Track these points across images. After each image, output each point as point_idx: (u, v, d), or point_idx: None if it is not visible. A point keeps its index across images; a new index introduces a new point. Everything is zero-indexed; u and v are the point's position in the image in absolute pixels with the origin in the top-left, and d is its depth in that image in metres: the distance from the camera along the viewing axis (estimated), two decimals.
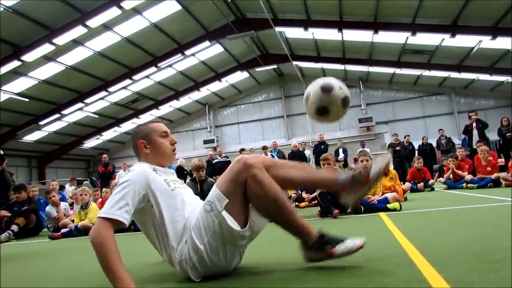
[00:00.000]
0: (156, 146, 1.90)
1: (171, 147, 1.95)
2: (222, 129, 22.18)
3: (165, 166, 1.93)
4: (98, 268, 1.48)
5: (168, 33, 13.96)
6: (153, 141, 1.90)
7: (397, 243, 2.31)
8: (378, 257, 1.98)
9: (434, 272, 1.51)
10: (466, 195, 5.97)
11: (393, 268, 1.67)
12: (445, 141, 12.16)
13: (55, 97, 15.61)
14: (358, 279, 1.55)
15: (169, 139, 1.96)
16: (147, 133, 1.93)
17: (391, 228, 3.07)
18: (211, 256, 1.67)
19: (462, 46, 14.02)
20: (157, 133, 1.93)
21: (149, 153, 1.90)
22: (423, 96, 19.41)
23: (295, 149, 12.80)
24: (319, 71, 19.39)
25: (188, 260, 1.68)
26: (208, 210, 1.66)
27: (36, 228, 6.49)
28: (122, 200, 1.60)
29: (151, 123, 2.00)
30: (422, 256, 1.84)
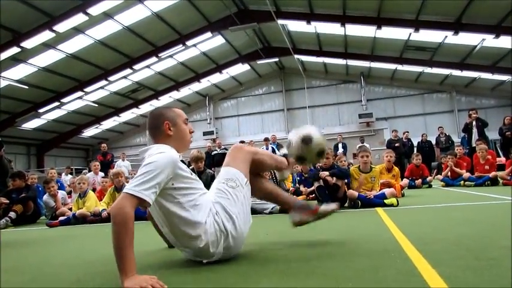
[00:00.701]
0: (179, 130, 1.97)
1: (189, 135, 2.04)
2: (221, 121, 22.15)
3: (180, 153, 1.97)
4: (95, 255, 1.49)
5: (170, 23, 13.87)
6: (177, 125, 1.97)
7: (393, 238, 2.33)
8: (374, 250, 1.99)
9: (429, 266, 1.52)
10: (463, 193, 6.00)
11: (388, 262, 1.68)
12: (444, 139, 12.17)
13: (55, 85, 15.53)
14: (354, 272, 1.56)
15: (189, 127, 2.05)
16: (173, 116, 1.98)
17: (387, 223, 3.09)
18: (241, 222, 1.91)
19: (465, 44, 13.94)
20: (181, 118, 2.01)
21: (172, 136, 1.94)
22: (424, 94, 19.37)
23: None
24: (321, 65, 19.34)
25: (222, 229, 1.84)
26: (234, 186, 1.97)
27: (34, 216, 6.50)
28: (152, 181, 1.61)
29: (175, 108, 2.07)
30: (417, 251, 1.85)
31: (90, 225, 5.25)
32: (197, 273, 1.75)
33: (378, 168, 4.93)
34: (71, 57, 13.80)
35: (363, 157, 4.78)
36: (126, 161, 13.63)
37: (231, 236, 1.85)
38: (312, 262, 1.80)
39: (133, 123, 22.79)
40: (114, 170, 6.40)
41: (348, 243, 2.28)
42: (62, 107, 17.42)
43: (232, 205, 1.90)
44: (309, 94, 20.37)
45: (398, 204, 4.36)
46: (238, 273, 1.70)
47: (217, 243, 1.83)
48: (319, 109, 20.55)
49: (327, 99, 20.47)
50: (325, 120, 20.34)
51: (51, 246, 3.43)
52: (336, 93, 20.53)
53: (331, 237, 2.64)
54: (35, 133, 19.14)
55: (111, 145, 21.87)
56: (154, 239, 1.92)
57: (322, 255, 1.90)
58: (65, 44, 12.95)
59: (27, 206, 6.22)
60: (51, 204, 6.42)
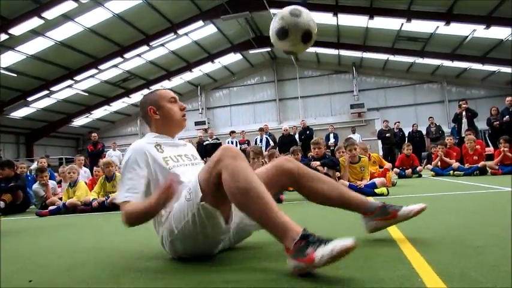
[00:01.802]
0: (165, 112, 1.90)
1: (180, 113, 1.94)
2: (213, 111, 22.06)
3: (176, 133, 1.94)
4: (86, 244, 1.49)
5: (161, 11, 13.67)
6: (162, 107, 1.91)
7: None
8: (363, 239, 2.02)
9: (417, 253, 1.55)
10: (452, 182, 6.09)
11: (377, 249, 1.71)
12: (434, 129, 12.29)
13: (44, 73, 15.27)
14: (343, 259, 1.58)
15: (178, 105, 1.95)
16: (156, 100, 1.93)
17: None
18: (185, 242, 1.65)
19: (456, 35, 14.03)
20: (165, 99, 1.93)
21: (159, 119, 1.91)
22: (415, 84, 19.48)
23: (286, 133, 12.83)
24: (313, 55, 19.29)
25: (165, 239, 1.72)
26: (188, 199, 1.59)
27: (24, 205, 6.46)
28: (123, 183, 1.74)
29: (159, 90, 2.00)
30: (406, 239, 1.88)
31: (80, 215, 5.23)
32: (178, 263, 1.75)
33: (366, 158, 4.98)
34: (60, 45, 13.56)
35: (351, 150, 4.82)
36: (117, 150, 13.56)
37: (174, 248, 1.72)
38: None
39: (125, 113, 22.59)
40: (104, 160, 6.36)
41: (337, 232, 2.31)
42: (51, 95, 17.16)
43: (179, 219, 1.62)
44: (301, 84, 20.35)
45: (389, 194, 4.41)
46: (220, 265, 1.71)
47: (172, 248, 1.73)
48: (311, 99, 20.56)
49: (319, 89, 20.48)
50: (317, 110, 20.38)
51: (41, 236, 3.42)
52: (328, 84, 20.55)
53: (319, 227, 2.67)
54: (24, 122, 18.87)
55: (102, 135, 21.70)
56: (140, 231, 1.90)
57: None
58: (54, 31, 12.71)
59: (16, 196, 6.18)
60: (40, 194, 6.38)
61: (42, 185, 6.44)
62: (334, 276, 1.34)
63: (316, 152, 4.73)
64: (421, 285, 1.19)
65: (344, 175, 4.65)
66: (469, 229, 2.15)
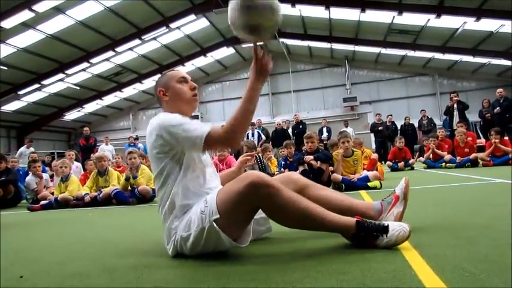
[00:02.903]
0: (174, 92, 1.87)
1: (190, 93, 1.89)
2: (206, 105, 21.98)
3: (189, 114, 1.87)
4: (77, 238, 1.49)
5: (153, 4, 13.51)
6: (171, 88, 1.87)
7: None
8: None
9: (410, 246, 1.56)
10: (444, 174, 6.16)
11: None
12: (426, 122, 12.39)
13: (35, 66, 15.03)
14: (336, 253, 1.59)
15: (189, 85, 1.91)
16: (165, 81, 1.90)
17: None
18: (195, 245, 1.65)
19: (447, 27, 14.09)
20: (174, 79, 1.89)
21: (169, 100, 1.88)
22: (407, 77, 19.57)
23: (279, 127, 12.83)
24: (306, 49, 19.26)
25: (178, 238, 1.68)
26: (202, 212, 1.62)
27: (15, 200, 6.42)
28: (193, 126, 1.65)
29: (169, 71, 1.97)
30: None
31: (72, 210, 5.20)
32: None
33: (359, 152, 5.00)
34: (51, 38, 13.36)
35: (344, 143, 4.83)
36: (109, 145, 13.46)
37: (186, 248, 1.68)
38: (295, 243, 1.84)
39: (117, 107, 22.40)
40: (97, 154, 6.32)
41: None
42: (42, 89, 16.93)
43: (195, 223, 1.64)
44: (293, 78, 20.34)
45: (382, 187, 4.45)
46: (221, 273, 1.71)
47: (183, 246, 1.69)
48: (304, 93, 20.56)
49: (312, 83, 20.48)
50: (310, 104, 20.40)
51: (32, 230, 3.40)
52: (321, 77, 20.55)
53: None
54: (15, 115, 18.62)
55: (94, 129, 21.50)
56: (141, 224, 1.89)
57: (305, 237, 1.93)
58: (45, 24, 12.50)
59: (7, 190, 6.13)
60: (32, 186, 6.32)
61: (36, 175, 6.38)
62: (328, 269, 1.35)
63: (310, 146, 4.74)
64: (414, 277, 1.20)
65: (337, 169, 4.68)
66: (461, 220, 2.19)
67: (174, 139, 1.65)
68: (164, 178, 1.73)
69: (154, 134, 1.69)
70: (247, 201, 1.57)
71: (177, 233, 1.68)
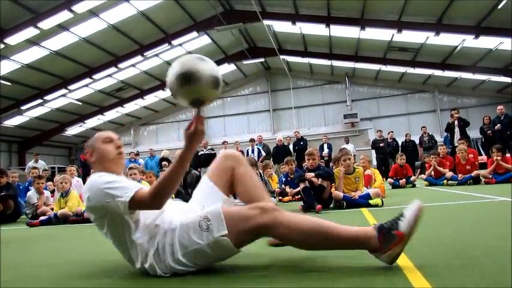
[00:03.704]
0: (99, 153, 1.91)
1: (115, 152, 1.92)
2: (207, 121, 22.03)
3: (118, 172, 1.91)
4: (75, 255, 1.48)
5: (156, 22, 13.74)
6: (96, 149, 1.92)
7: None
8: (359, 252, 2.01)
9: (414, 267, 1.54)
10: (446, 192, 6.11)
11: (372, 262, 1.70)
12: (427, 139, 12.37)
13: (38, 82, 15.23)
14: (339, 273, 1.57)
15: (114, 143, 1.94)
16: (91, 143, 1.96)
17: (372, 223, 3.12)
18: (186, 263, 1.67)
19: (446, 45, 14.27)
20: (100, 140, 1.94)
21: (95, 160, 1.91)
22: (407, 94, 19.70)
23: (280, 144, 12.83)
24: (306, 66, 19.44)
25: (162, 258, 1.69)
26: (205, 229, 1.65)
27: (14, 215, 6.38)
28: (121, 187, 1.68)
29: (99, 133, 2.02)
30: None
31: (71, 225, 5.16)
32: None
33: (361, 169, 4.98)
34: (55, 55, 13.56)
35: (345, 160, 4.82)
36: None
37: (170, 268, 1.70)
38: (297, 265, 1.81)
39: (118, 122, 22.50)
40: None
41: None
42: (45, 104, 17.11)
43: (186, 243, 1.67)
44: (294, 94, 20.46)
45: (383, 205, 4.42)
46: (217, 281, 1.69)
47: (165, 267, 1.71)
48: (305, 109, 20.66)
49: (313, 99, 20.60)
50: (311, 120, 20.47)
51: (31, 246, 3.37)
52: (321, 94, 20.69)
53: None
54: (17, 130, 18.73)
55: None
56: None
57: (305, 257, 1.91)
58: (49, 41, 12.72)
59: (7, 205, 6.10)
60: (33, 201, 6.29)
61: (38, 191, 6.36)
62: None
63: (311, 163, 4.73)
64: None
65: (339, 186, 4.66)
66: (465, 240, 2.16)
67: (100, 203, 1.69)
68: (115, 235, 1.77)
69: (87, 199, 1.74)
70: (257, 227, 1.61)
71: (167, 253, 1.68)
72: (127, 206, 1.62)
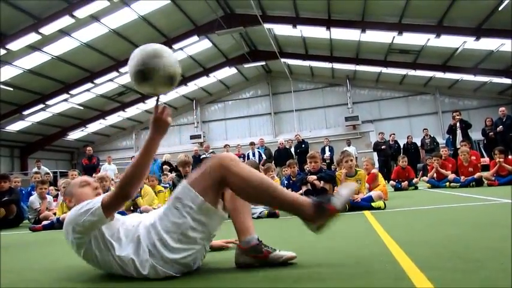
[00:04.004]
0: (77, 198, 1.97)
1: (93, 193, 2.00)
2: (209, 124, 22.08)
3: None
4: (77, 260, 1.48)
5: (156, 26, 13.80)
6: (74, 195, 2.00)
7: (382, 242, 2.34)
8: (363, 255, 2.01)
9: (417, 270, 1.54)
10: (449, 194, 6.10)
11: (378, 267, 1.70)
12: (429, 141, 12.36)
13: (40, 87, 15.29)
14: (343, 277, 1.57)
15: (91, 186, 2.03)
16: (69, 190, 2.05)
17: (375, 226, 3.11)
18: (183, 248, 1.73)
19: (447, 46, 14.28)
20: (76, 186, 2.03)
21: (74, 205, 1.94)
22: (408, 96, 19.69)
23: (282, 147, 12.83)
24: (307, 69, 19.47)
25: (158, 255, 1.71)
26: (180, 207, 1.74)
27: (17, 220, 6.39)
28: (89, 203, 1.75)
29: (73, 180, 2.16)
30: (405, 254, 1.87)
31: None
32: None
33: (363, 172, 4.98)
34: (56, 60, 13.62)
35: (347, 161, 4.81)
36: (112, 164, 13.46)
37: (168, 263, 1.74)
38: (301, 268, 1.81)
39: (120, 127, 22.54)
40: (99, 175, 6.32)
41: (337, 249, 2.29)
42: (47, 109, 17.16)
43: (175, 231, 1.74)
44: (295, 97, 20.48)
45: (386, 207, 4.41)
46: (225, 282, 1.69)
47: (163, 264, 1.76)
48: (306, 112, 20.67)
49: (314, 102, 20.61)
50: (312, 123, 20.47)
51: (33, 251, 3.37)
52: (323, 96, 20.69)
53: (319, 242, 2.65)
54: (19, 135, 18.78)
55: (97, 148, 21.60)
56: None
57: (310, 261, 1.91)
58: (51, 46, 12.78)
59: (10, 210, 6.11)
60: (35, 206, 6.30)
61: (40, 196, 6.38)
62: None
63: (313, 166, 4.73)
64: None
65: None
66: (468, 242, 2.15)
67: (81, 226, 1.73)
68: (103, 259, 1.79)
69: (69, 231, 1.79)
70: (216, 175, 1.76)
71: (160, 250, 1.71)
72: (100, 209, 1.67)
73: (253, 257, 1.86)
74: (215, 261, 2.15)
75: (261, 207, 4.50)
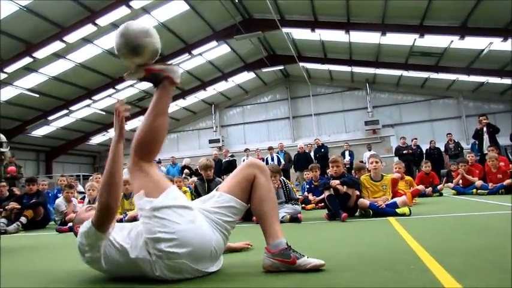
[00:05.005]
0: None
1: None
2: (227, 129, 22.17)
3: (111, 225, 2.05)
4: None
5: (176, 32, 13.98)
6: (83, 220, 2.03)
7: (409, 248, 2.29)
8: (392, 262, 1.96)
9: (453, 280, 1.49)
10: (476, 202, 5.91)
11: (409, 274, 1.65)
12: (453, 146, 12.04)
13: (64, 93, 15.74)
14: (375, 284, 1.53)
15: (90, 211, 2.12)
16: (77, 218, 2.18)
17: (401, 233, 3.04)
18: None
19: (471, 48, 13.86)
20: (83, 212, 2.18)
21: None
22: (430, 100, 19.24)
23: (301, 151, 12.77)
24: (326, 73, 19.33)
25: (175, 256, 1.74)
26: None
27: (44, 221, 6.56)
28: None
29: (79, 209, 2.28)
30: (437, 263, 1.81)
31: None
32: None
33: (389, 177, 4.87)
34: (79, 67, 13.98)
35: (372, 163, 4.72)
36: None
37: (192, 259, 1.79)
38: (330, 274, 1.77)
39: None
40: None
41: (364, 254, 2.25)
42: (70, 114, 17.62)
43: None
44: (314, 101, 20.35)
45: (411, 214, 4.30)
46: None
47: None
48: (325, 116, 20.49)
49: (333, 106, 20.42)
50: (331, 127, 20.28)
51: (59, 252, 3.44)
52: (342, 100, 20.49)
53: (345, 248, 2.60)
54: (44, 140, 19.35)
55: None
56: None
57: (338, 267, 1.87)
58: (74, 53, 13.14)
59: (37, 212, 6.30)
60: (61, 208, 6.46)
61: (66, 199, 6.53)
62: None
63: (335, 170, 4.65)
64: None
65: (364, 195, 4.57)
66: (501, 252, 2.07)
67: (86, 246, 1.85)
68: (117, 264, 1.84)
69: (80, 254, 1.91)
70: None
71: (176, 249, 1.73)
72: (93, 228, 1.79)
73: (280, 261, 1.85)
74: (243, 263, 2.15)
75: (283, 212, 4.47)
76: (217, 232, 1.84)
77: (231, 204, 1.92)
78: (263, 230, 1.95)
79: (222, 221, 1.88)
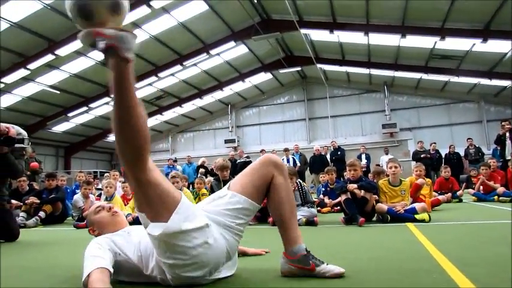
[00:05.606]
0: (97, 224, 2.08)
1: (108, 213, 2.10)
2: (243, 129, 22.21)
3: (122, 226, 2.07)
4: None
5: (195, 32, 14.09)
6: (94, 222, 2.09)
7: (430, 256, 2.24)
8: (413, 269, 1.92)
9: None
10: (498, 209, 5.75)
11: (432, 285, 1.61)
12: (473, 151, 11.76)
13: (84, 91, 16.12)
14: None
15: (105, 208, 2.12)
16: (89, 220, 2.15)
17: (421, 239, 2.98)
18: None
19: (494, 52, 13.53)
20: (92, 213, 2.13)
21: (99, 232, 2.06)
22: (450, 103, 18.86)
23: (317, 153, 12.68)
24: (344, 74, 19.17)
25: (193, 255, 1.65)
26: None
27: (62, 216, 6.69)
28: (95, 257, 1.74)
29: (89, 211, 2.24)
30: (460, 272, 1.77)
31: None
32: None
33: (408, 181, 4.79)
34: (99, 65, 14.24)
35: (391, 168, 4.64)
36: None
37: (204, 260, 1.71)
38: (349, 279, 1.75)
39: (157, 129, 23.14)
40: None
41: (383, 260, 2.21)
42: (89, 111, 18.01)
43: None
44: (331, 103, 20.20)
45: (430, 220, 4.21)
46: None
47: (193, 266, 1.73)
48: (342, 119, 20.32)
49: (350, 108, 20.23)
50: (348, 130, 20.10)
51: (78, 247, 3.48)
52: (359, 103, 20.28)
53: (362, 253, 2.57)
54: (63, 136, 19.82)
55: None
56: None
57: (356, 272, 1.84)
58: (95, 51, 13.32)
59: (56, 207, 6.42)
60: (79, 204, 6.55)
61: (84, 196, 6.65)
62: None
63: (352, 174, 4.60)
64: None
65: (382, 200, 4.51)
66: None
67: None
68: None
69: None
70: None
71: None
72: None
73: (299, 268, 1.81)
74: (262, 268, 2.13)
75: (299, 214, 4.44)
76: (229, 236, 1.78)
77: (244, 206, 1.82)
78: (281, 235, 1.89)
79: (234, 224, 1.78)
